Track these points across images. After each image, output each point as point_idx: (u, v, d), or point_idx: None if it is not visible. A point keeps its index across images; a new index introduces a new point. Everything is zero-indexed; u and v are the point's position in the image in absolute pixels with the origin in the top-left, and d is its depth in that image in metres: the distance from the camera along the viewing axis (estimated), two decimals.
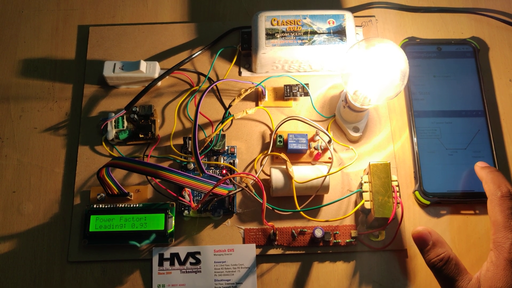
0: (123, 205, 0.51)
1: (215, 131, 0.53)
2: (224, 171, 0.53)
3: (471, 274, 0.45)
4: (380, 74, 0.48)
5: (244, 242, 0.51)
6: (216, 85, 0.58)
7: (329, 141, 0.53)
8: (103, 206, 0.51)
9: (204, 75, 0.58)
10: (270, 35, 0.55)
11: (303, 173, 0.50)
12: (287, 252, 0.51)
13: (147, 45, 0.60)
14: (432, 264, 0.46)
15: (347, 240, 0.51)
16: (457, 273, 0.45)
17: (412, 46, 0.59)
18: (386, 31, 0.62)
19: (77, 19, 0.62)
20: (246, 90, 0.55)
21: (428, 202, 0.52)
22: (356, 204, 0.52)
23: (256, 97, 0.58)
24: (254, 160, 0.55)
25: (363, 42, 0.50)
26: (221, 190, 0.48)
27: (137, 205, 0.51)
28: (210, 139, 0.53)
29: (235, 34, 0.61)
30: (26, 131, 0.57)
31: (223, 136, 0.54)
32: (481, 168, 0.50)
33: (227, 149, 0.54)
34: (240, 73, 0.59)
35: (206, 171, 0.49)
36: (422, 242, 0.47)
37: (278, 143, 0.54)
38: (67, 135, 0.56)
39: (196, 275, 0.50)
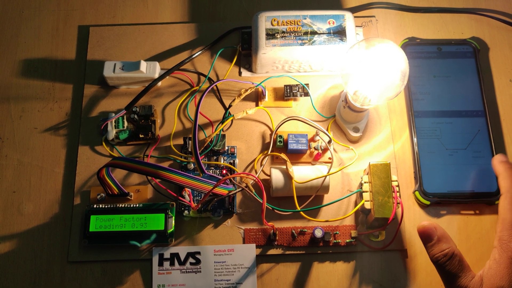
0: (123, 205, 0.51)
1: (215, 131, 0.53)
2: (224, 171, 0.53)
3: (474, 272, 0.45)
4: (380, 74, 0.48)
5: (244, 242, 0.51)
6: (216, 85, 0.58)
7: (329, 141, 0.53)
8: (103, 206, 0.51)
9: (204, 75, 0.58)
10: (270, 35, 0.55)
11: (303, 173, 0.50)
12: (287, 252, 0.51)
13: (147, 45, 0.60)
14: (436, 259, 0.45)
15: (347, 240, 0.51)
16: (460, 270, 0.44)
17: (412, 46, 0.59)
18: (386, 31, 0.62)
19: (77, 19, 0.62)
20: (246, 90, 0.55)
21: (428, 202, 0.52)
22: (356, 204, 0.52)
23: (256, 97, 0.58)
24: (254, 160, 0.55)
25: (363, 42, 0.50)
26: (221, 190, 0.48)
27: (137, 205, 0.51)
28: (210, 139, 0.53)
29: (235, 34, 0.61)
30: (26, 131, 0.57)
31: (223, 136, 0.54)
32: (499, 162, 0.48)
33: (227, 149, 0.54)
34: (240, 73, 0.59)
35: (206, 171, 0.49)
36: (427, 236, 0.46)
37: (278, 143, 0.54)
38: (67, 135, 0.56)
39: (196, 275, 0.50)
